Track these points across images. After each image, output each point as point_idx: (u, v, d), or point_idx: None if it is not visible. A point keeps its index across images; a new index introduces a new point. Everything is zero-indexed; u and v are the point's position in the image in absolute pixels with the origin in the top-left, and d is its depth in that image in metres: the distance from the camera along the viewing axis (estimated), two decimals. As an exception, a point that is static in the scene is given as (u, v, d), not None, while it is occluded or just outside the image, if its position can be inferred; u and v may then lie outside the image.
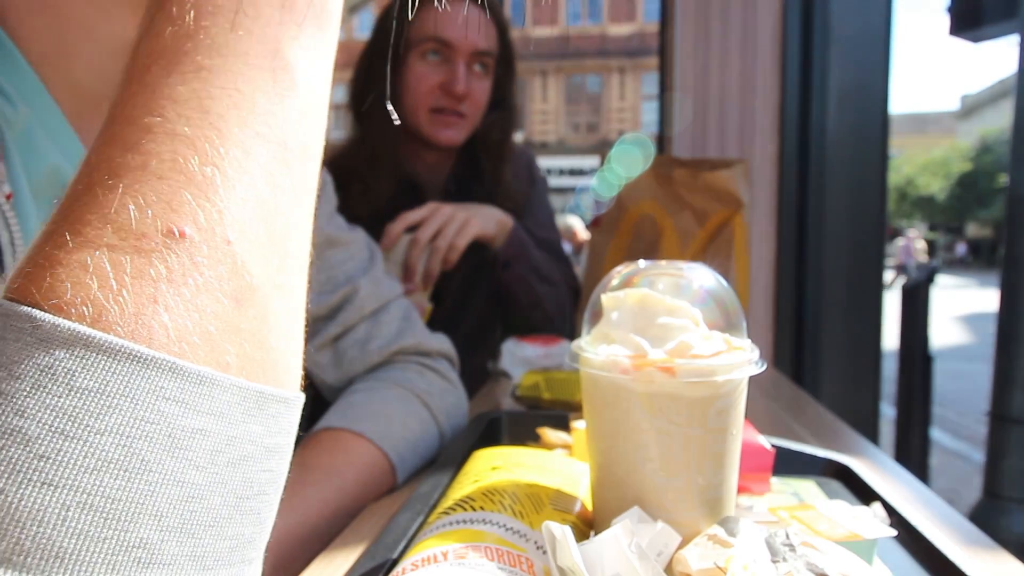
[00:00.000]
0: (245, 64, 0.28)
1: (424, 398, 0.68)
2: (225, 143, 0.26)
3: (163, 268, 0.24)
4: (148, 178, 0.25)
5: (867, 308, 1.72)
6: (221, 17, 0.29)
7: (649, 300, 0.39)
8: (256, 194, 0.27)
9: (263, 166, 0.27)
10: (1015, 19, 1.79)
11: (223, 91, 0.27)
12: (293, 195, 0.29)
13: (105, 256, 0.23)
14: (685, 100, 1.72)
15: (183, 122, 0.26)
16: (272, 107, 0.28)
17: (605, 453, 0.40)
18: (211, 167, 0.26)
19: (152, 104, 0.26)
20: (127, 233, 0.24)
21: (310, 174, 0.31)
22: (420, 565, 0.34)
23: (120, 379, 0.22)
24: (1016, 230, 1.65)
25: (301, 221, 0.30)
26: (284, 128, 0.29)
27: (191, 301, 0.24)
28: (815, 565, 0.32)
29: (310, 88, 0.30)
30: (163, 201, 0.24)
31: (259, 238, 0.27)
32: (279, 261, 0.28)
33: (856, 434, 0.82)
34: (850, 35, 1.65)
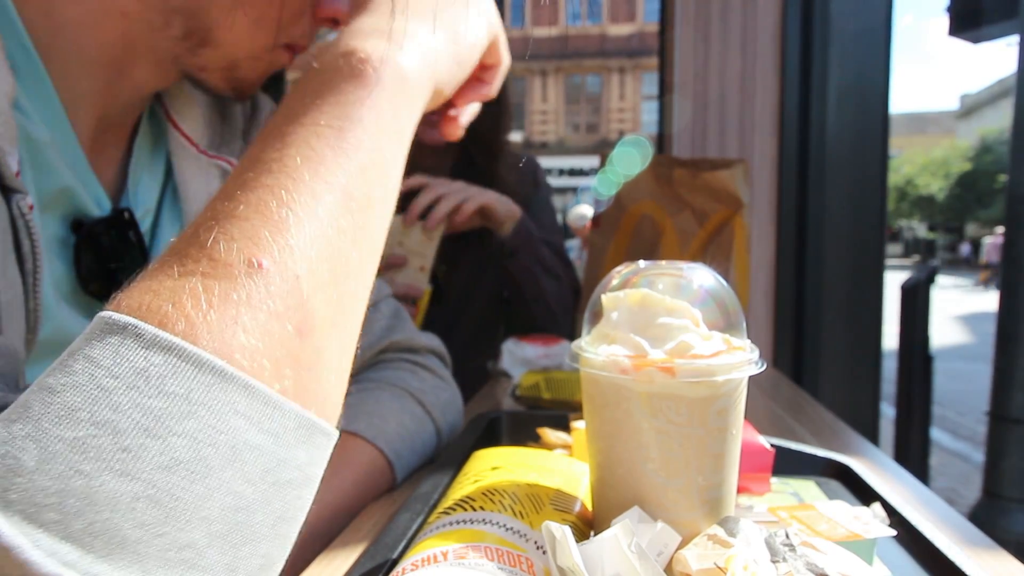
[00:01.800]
0: (316, 125, 0.34)
1: (418, 396, 0.68)
2: (297, 189, 0.31)
3: (244, 294, 0.28)
4: (236, 220, 0.30)
5: (867, 308, 1.72)
6: (299, 92, 0.36)
7: (649, 300, 0.39)
8: (323, 234, 0.31)
9: (329, 211, 0.32)
10: (1015, 19, 1.79)
11: (298, 148, 0.33)
12: (354, 239, 0.33)
13: (199, 282, 0.27)
14: (685, 100, 1.72)
15: (267, 176, 0.31)
16: (338, 160, 0.33)
17: (605, 453, 0.40)
18: (285, 209, 0.30)
19: (248, 165, 0.32)
20: (217, 263, 0.28)
21: (372, 222, 0.35)
22: (420, 565, 0.34)
23: (202, 389, 0.25)
24: (1016, 230, 1.65)
25: (362, 265, 0.34)
26: (348, 179, 0.33)
27: (264, 326, 0.28)
28: (815, 565, 0.32)
29: (374, 144, 0.35)
30: (246, 237, 0.29)
31: (323, 276, 0.31)
32: (339, 300, 0.32)
33: (856, 434, 0.82)
34: (850, 35, 1.65)
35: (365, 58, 0.37)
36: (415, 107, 0.40)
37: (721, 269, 0.99)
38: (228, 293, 0.27)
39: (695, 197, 1.08)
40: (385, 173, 0.36)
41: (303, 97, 0.36)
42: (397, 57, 0.38)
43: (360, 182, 0.34)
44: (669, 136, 1.80)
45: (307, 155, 0.32)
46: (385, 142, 0.36)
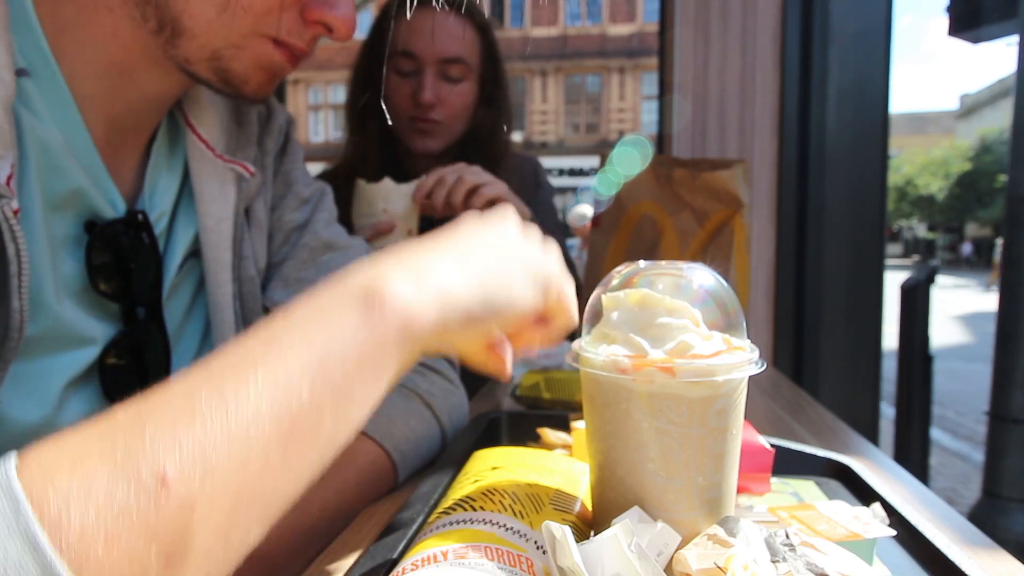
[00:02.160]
0: (292, 346, 0.32)
1: (426, 398, 0.68)
2: (238, 409, 0.29)
3: (135, 503, 0.26)
4: (169, 417, 0.28)
5: (867, 308, 1.72)
6: (306, 302, 0.35)
7: (649, 300, 0.39)
8: (246, 465, 0.29)
9: (264, 441, 0.30)
10: (1014, 19, 1.79)
11: (266, 361, 0.31)
12: (281, 475, 0.31)
13: (107, 476, 0.27)
14: (685, 100, 1.72)
15: (219, 378, 0.31)
16: (296, 387, 0.31)
17: (605, 453, 0.40)
18: (219, 426, 0.29)
19: (217, 359, 0.32)
20: (128, 462, 0.27)
21: (311, 458, 0.32)
22: (420, 565, 0.34)
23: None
24: (1016, 230, 1.65)
25: (277, 502, 0.31)
26: (300, 410, 0.31)
27: (132, 545, 0.26)
28: (815, 565, 0.32)
29: (344, 380, 0.32)
30: (169, 443, 0.27)
31: (223, 507, 0.29)
32: (229, 534, 0.29)
33: (856, 434, 0.82)
34: (850, 35, 1.65)
35: (377, 292, 0.34)
36: (403, 351, 0.35)
37: (721, 269, 0.99)
38: (117, 501, 0.26)
39: (695, 197, 1.08)
40: (337, 415, 0.33)
41: (319, 306, 0.34)
42: (414, 305, 0.35)
43: (314, 419, 0.31)
44: (669, 136, 1.80)
45: (268, 373, 0.30)
46: (354, 381, 0.33)
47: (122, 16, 0.54)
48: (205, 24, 0.54)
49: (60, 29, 0.52)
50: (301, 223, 0.76)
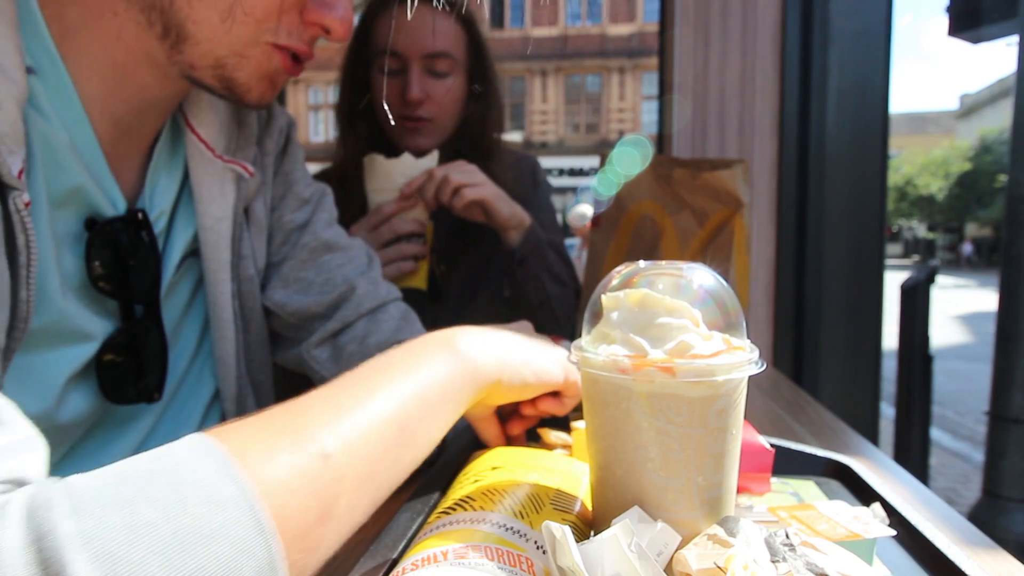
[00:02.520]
0: (405, 375, 0.44)
1: None
2: (372, 409, 0.40)
3: (307, 468, 0.35)
4: (327, 408, 0.39)
5: (867, 308, 1.72)
6: (407, 348, 0.47)
7: (649, 300, 0.39)
8: (374, 453, 0.39)
9: (386, 437, 0.40)
10: (1015, 19, 1.79)
11: (385, 384, 0.43)
12: (392, 467, 0.40)
13: (285, 445, 0.35)
14: (685, 100, 1.72)
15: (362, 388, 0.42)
16: (407, 404, 0.42)
17: (605, 453, 0.40)
18: (365, 420, 0.39)
19: (358, 376, 0.44)
20: (300, 436, 0.36)
21: (407, 461, 0.42)
22: (420, 565, 0.34)
23: (245, 529, 0.30)
24: (1016, 230, 1.65)
25: (380, 491, 0.40)
26: (408, 420, 0.42)
27: (303, 500, 0.34)
28: (815, 565, 0.32)
29: (434, 403, 0.44)
30: (331, 424, 0.38)
31: (356, 482, 0.37)
32: (354, 507, 0.38)
33: (856, 434, 0.82)
34: (850, 35, 1.65)
35: (452, 344, 0.48)
36: (473, 387, 0.48)
37: (721, 269, 0.99)
38: (296, 464, 0.34)
39: (695, 197, 1.08)
40: (430, 427, 0.44)
41: (413, 346, 0.47)
42: (478, 357, 0.49)
43: (413, 427, 0.42)
44: (669, 136, 1.80)
45: (390, 387, 0.42)
46: (434, 408, 0.44)
47: (127, 20, 0.54)
48: (208, 30, 0.55)
49: (66, 30, 0.53)
50: (301, 223, 0.76)
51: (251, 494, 0.31)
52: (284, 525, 0.32)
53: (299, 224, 0.76)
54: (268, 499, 0.32)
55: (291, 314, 0.74)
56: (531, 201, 1.31)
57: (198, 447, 0.32)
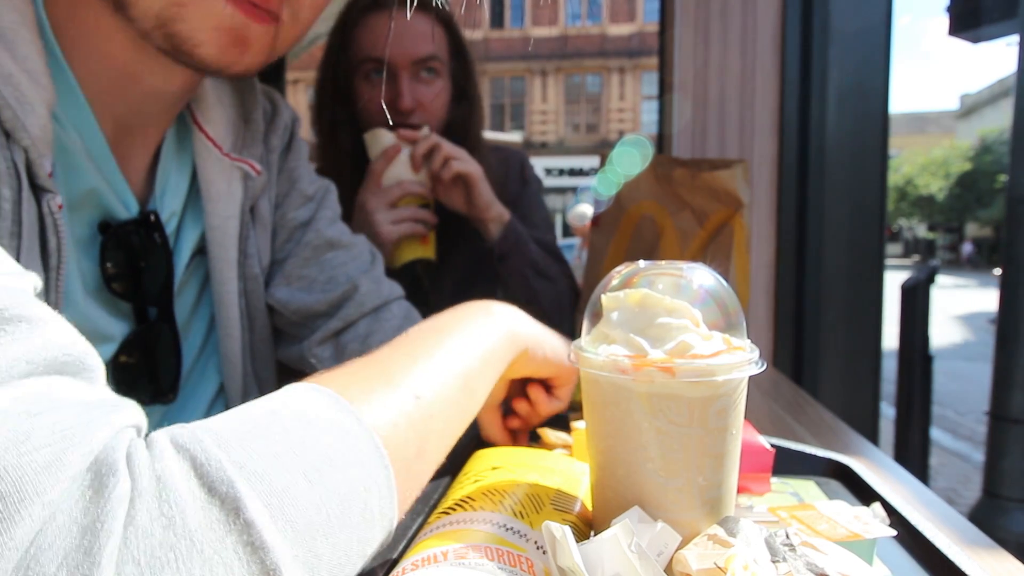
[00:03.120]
0: (465, 335, 0.49)
1: None
2: (447, 366, 0.45)
3: (407, 411, 0.39)
4: (413, 361, 0.43)
5: (867, 308, 1.72)
6: (459, 312, 0.53)
7: (649, 300, 0.39)
8: (449, 400, 0.43)
9: (457, 388, 0.45)
10: (1015, 19, 1.79)
11: (452, 343, 0.48)
12: (460, 414, 0.45)
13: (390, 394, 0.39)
14: (685, 100, 1.72)
15: (436, 347, 0.46)
16: (468, 360, 0.48)
17: (605, 453, 0.40)
18: (441, 373, 0.44)
19: (424, 335, 0.48)
20: (398, 386, 0.40)
21: (470, 409, 0.47)
22: (420, 565, 0.34)
23: (368, 455, 0.34)
24: (1016, 230, 1.65)
25: (452, 434, 0.44)
26: (470, 375, 0.46)
27: (405, 436, 0.38)
28: (815, 565, 0.32)
29: (485, 361, 0.49)
30: (418, 374, 0.42)
31: (440, 424, 0.42)
32: (438, 448, 0.42)
33: (856, 434, 0.82)
34: (849, 35, 1.65)
35: (491, 310, 0.54)
36: (511, 351, 0.53)
37: (721, 269, 0.99)
38: (394, 403, 0.38)
39: (695, 197, 1.08)
40: (484, 382, 0.49)
41: (456, 311, 0.52)
42: (512, 322, 0.55)
43: (474, 380, 0.47)
44: (669, 136, 1.80)
45: (452, 344, 0.46)
46: (490, 360, 0.49)
47: (102, 8, 0.52)
48: None
49: (66, 30, 0.53)
50: (305, 220, 0.76)
51: (368, 425, 0.35)
52: (393, 455, 0.35)
53: (302, 221, 0.76)
54: (380, 431, 0.35)
55: (294, 312, 0.74)
56: (520, 198, 1.30)
57: (307, 392, 0.35)
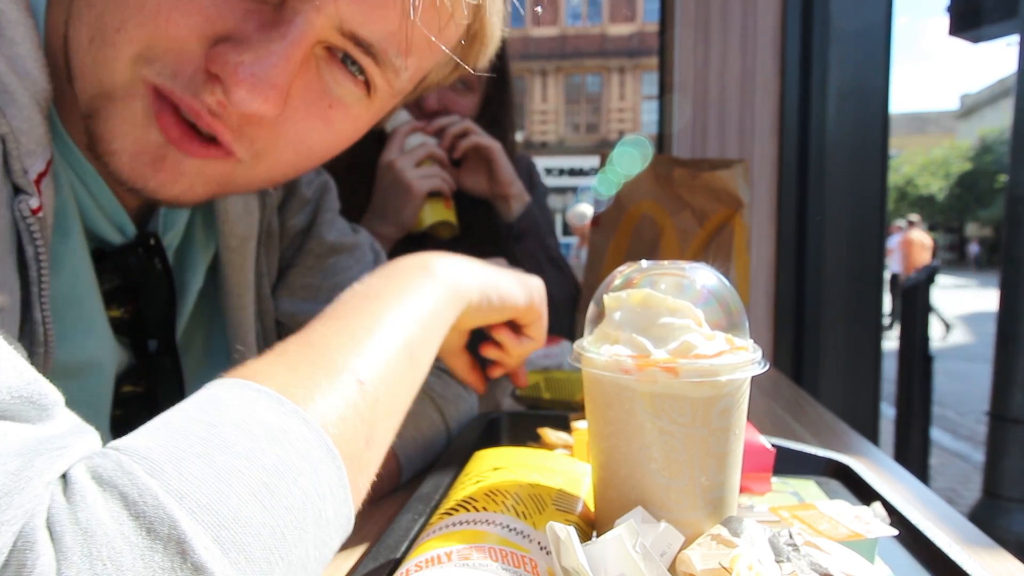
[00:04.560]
0: (397, 298, 0.45)
1: (438, 402, 0.68)
2: (385, 336, 0.42)
3: (352, 400, 0.36)
4: (346, 341, 0.40)
5: (867, 308, 1.72)
6: (387, 270, 0.49)
7: (652, 300, 0.39)
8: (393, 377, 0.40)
9: (399, 360, 0.42)
10: (1015, 19, 1.79)
11: (387, 308, 0.44)
12: (407, 389, 0.43)
13: (324, 379, 0.36)
14: (685, 100, 1.72)
15: (365, 316, 0.43)
16: (409, 326, 0.44)
17: (608, 453, 0.40)
18: (380, 348, 0.41)
19: (350, 304, 0.44)
20: (335, 369, 0.37)
21: (416, 382, 0.44)
22: (424, 566, 0.34)
23: (318, 458, 0.32)
24: (1016, 230, 1.65)
25: (400, 409, 0.42)
26: (413, 344, 0.43)
27: (354, 428, 0.35)
28: (819, 565, 0.32)
29: (427, 322, 0.46)
30: (355, 356, 0.39)
31: (386, 407, 0.39)
32: (387, 429, 0.40)
33: (856, 434, 0.82)
34: (850, 35, 1.65)
35: (430, 267, 0.49)
36: (455, 309, 0.50)
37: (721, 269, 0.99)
38: (340, 393, 0.35)
39: (695, 197, 1.08)
40: (428, 348, 0.46)
41: (391, 272, 0.48)
42: (455, 277, 0.50)
43: (418, 349, 0.44)
44: (669, 136, 1.80)
45: (390, 314, 0.43)
46: (432, 324, 0.46)
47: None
48: (81, 57, 0.41)
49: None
50: (304, 227, 0.72)
51: (316, 426, 0.32)
52: (344, 451, 0.34)
53: (302, 228, 0.71)
54: (329, 429, 0.33)
55: (300, 324, 0.70)
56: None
57: (245, 393, 0.32)
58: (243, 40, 0.40)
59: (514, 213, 1.18)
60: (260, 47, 0.40)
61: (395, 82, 0.47)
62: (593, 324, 0.42)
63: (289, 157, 0.47)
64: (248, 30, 0.40)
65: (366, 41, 0.43)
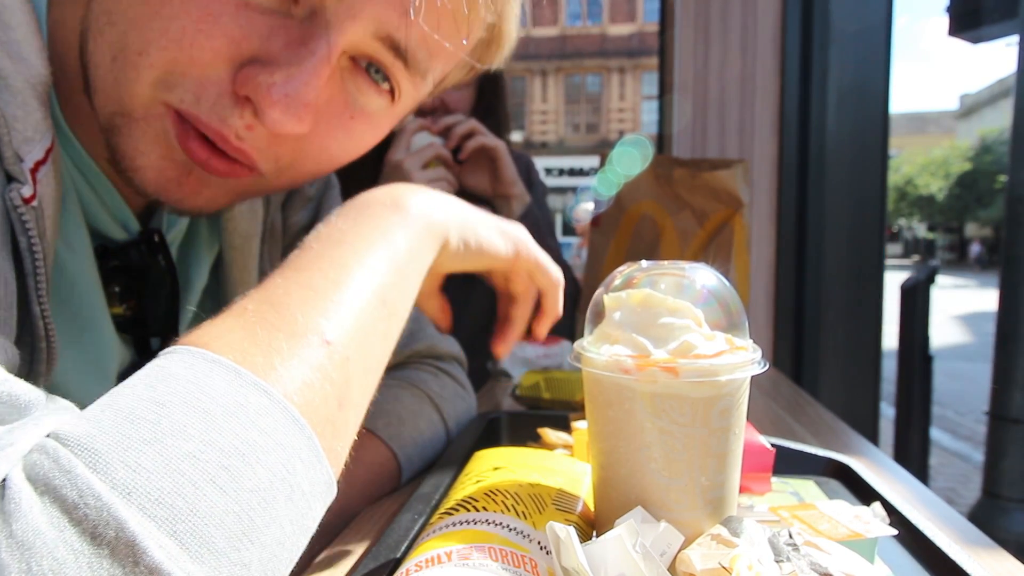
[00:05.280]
0: (365, 238, 0.41)
1: (436, 401, 0.68)
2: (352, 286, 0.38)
3: (315, 361, 0.33)
4: (308, 295, 0.35)
5: (867, 308, 1.72)
6: (352, 207, 0.44)
7: (651, 300, 0.39)
8: (365, 329, 0.37)
9: (372, 311, 0.38)
10: (1015, 19, 1.79)
11: (353, 252, 0.40)
12: (382, 339, 0.39)
13: (284, 343, 0.32)
14: (685, 100, 1.72)
15: (329, 266, 0.38)
16: (380, 269, 0.40)
17: (608, 453, 0.40)
18: (346, 301, 0.37)
19: (309, 256, 0.39)
20: (296, 329, 0.33)
21: (392, 330, 0.40)
22: (424, 566, 0.34)
23: (283, 431, 0.29)
24: (1016, 230, 1.65)
25: (380, 363, 0.39)
26: (385, 290, 0.39)
27: (322, 391, 0.33)
28: (819, 565, 0.32)
29: (402, 265, 0.42)
30: (318, 313, 0.35)
31: (360, 363, 0.36)
32: (364, 386, 0.37)
33: (856, 434, 0.82)
34: (849, 35, 1.65)
35: (400, 202, 0.45)
36: (432, 248, 0.46)
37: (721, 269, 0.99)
38: (304, 357, 0.32)
39: (695, 197, 1.08)
40: (405, 295, 0.42)
41: (358, 212, 0.43)
42: (428, 211, 0.46)
43: (392, 297, 0.40)
44: (669, 136, 1.80)
45: (359, 261, 0.39)
46: (408, 268, 0.42)
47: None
48: (102, 74, 0.41)
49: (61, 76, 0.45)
50: (307, 223, 0.73)
51: (278, 397, 0.30)
52: (313, 418, 0.31)
53: (305, 225, 0.71)
54: (293, 398, 0.31)
55: None
56: None
57: (197, 363, 0.29)
58: (270, 60, 0.40)
59: (515, 213, 1.18)
60: (291, 66, 0.40)
61: (422, 86, 0.47)
62: (593, 324, 0.42)
63: (311, 167, 0.48)
64: (275, 49, 0.40)
65: (401, 45, 0.42)
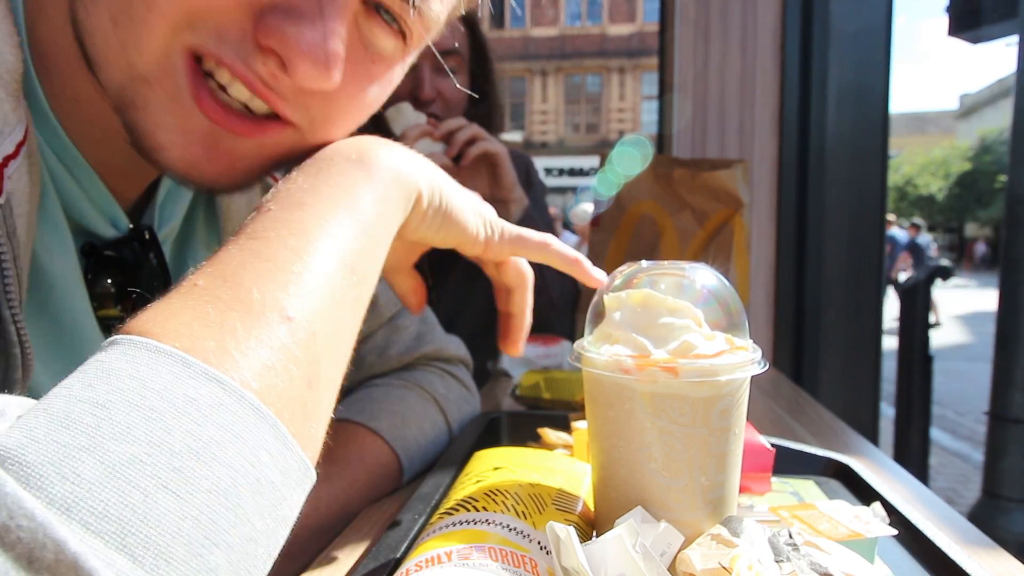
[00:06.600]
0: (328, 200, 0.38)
1: (441, 403, 0.68)
2: (314, 255, 0.34)
3: (276, 341, 0.30)
4: (265, 269, 0.32)
5: (867, 308, 1.72)
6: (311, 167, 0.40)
7: (652, 300, 0.39)
8: (332, 300, 0.34)
9: (337, 280, 0.35)
10: (1014, 19, 1.79)
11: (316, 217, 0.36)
12: (352, 308, 0.36)
13: (238, 323, 0.29)
14: (685, 100, 1.72)
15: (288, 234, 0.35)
16: (346, 234, 0.36)
17: (608, 453, 0.40)
18: (307, 271, 0.33)
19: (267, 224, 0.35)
20: (252, 308, 0.30)
21: (362, 297, 0.37)
22: (424, 566, 0.34)
23: (242, 423, 0.27)
24: (1016, 230, 1.65)
25: (351, 333, 0.36)
26: (352, 256, 0.36)
27: (286, 372, 0.30)
28: (819, 564, 0.32)
29: (371, 227, 0.38)
30: (276, 288, 0.32)
31: (329, 337, 0.33)
32: (335, 359, 0.34)
33: (856, 434, 0.82)
34: (849, 35, 1.65)
35: (367, 156, 0.41)
36: (402, 206, 0.42)
37: (721, 269, 0.99)
38: (262, 337, 0.29)
39: (695, 197, 1.08)
40: (374, 260, 0.39)
41: (319, 168, 0.39)
42: (398, 164, 0.42)
43: (361, 263, 0.37)
44: (669, 136, 1.80)
45: (322, 226, 0.35)
46: (376, 230, 0.39)
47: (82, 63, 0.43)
48: (103, 42, 0.39)
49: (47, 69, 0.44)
50: None
51: (233, 386, 0.27)
52: (278, 403, 0.29)
53: None
54: (252, 384, 0.28)
55: None
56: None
57: (140, 355, 0.26)
58: (291, 9, 0.38)
59: (513, 217, 1.18)
60: (314, 15, 0.38)
61: (432, 28, 0.46)
62: (593, 324, 0.42)
63: (343, 119, 0.46)
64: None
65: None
